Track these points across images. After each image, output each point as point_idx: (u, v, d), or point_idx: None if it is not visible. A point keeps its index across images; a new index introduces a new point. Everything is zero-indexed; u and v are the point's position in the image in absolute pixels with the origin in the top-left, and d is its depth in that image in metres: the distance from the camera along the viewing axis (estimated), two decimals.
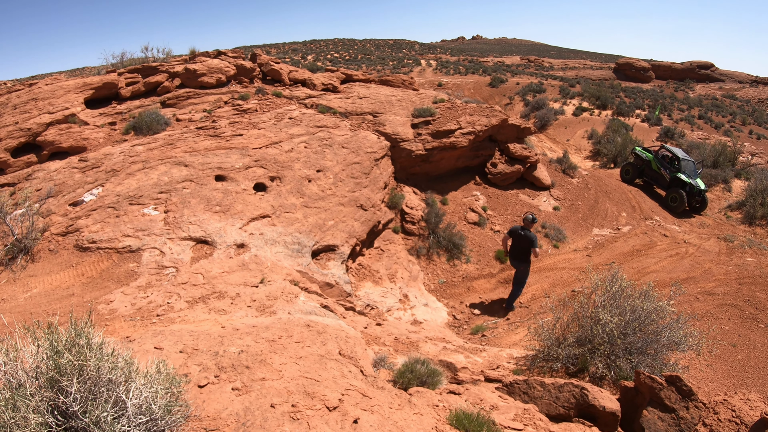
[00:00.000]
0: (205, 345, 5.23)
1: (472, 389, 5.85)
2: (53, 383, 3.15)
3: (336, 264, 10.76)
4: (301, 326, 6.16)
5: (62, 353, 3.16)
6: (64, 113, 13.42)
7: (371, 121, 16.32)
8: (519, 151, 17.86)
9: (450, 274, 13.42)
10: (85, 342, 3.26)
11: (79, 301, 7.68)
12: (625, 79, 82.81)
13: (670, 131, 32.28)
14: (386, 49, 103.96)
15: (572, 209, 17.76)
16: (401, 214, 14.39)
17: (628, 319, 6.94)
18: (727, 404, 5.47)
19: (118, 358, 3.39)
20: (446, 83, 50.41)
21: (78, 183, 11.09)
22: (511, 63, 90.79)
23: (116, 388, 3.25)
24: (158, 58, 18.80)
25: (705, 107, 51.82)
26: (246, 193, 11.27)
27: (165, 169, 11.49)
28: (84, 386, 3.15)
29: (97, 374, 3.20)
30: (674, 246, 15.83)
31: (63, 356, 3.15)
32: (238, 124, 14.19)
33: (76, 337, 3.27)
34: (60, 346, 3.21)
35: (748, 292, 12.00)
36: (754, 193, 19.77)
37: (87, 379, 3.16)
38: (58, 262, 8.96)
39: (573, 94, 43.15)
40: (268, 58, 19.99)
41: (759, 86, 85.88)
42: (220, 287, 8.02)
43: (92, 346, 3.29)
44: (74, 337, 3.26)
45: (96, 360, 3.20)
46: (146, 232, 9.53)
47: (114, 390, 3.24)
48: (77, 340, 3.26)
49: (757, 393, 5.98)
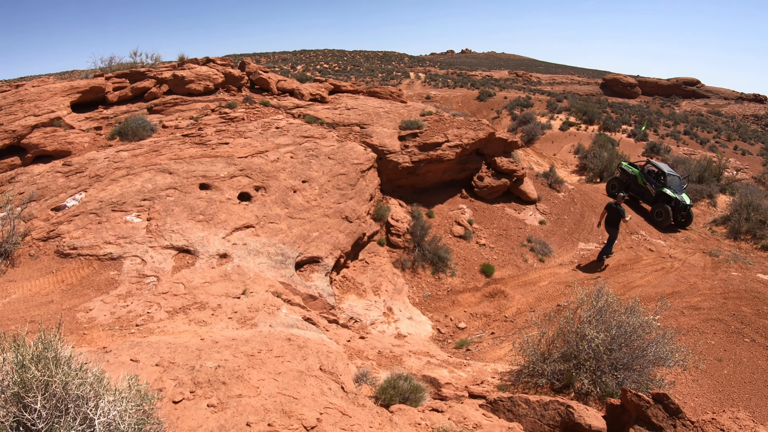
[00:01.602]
0: (182, 358, 5.11)
1: (455, 406, 5.76)
2: (18, 398, 3.03)
3: (320, 276, 10.66)
4: (281, 340, 6.05)
5: (28, 368, 3.04)
6: (49, 116, 13.25)
7: (358, 132, 16.27)
8: (506, 165, 17.87)
9: (435, 287, 13.35)
10: (53, 356, 3.14)
11: (58, 309, 7.52)
12: (612, 94, 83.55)
13: (656, 146, 32.58)
14: (376, 61, 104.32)
15: (558, 223, 17.79)
16: (387, 226, 14.32)
17: (614, 334, 6.90)
18: (716, 423, 5.39)
19: (87, 372, 3.28)
20: (434, 96, 50.60)
21: (61, 187, 10.92)
22: (499, 77, 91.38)
23: (84, 405, 3.14)
24: (147, 64, 18.68)
25: (691, 123, 52.34)
26: (230, 203, 11.15)
27: (149, 176, 11.35)
28: (50, 402, 3.04)
29: (64, 390, 3.08)
30: (660, 260, 15.88)
31: (29, 371, 3.03)
32: (224, 132, 14.08)
33: (43, 351, 3.16)
34: (26, 360, 3.09)
35: (733, 307, 12.05)
36: (738, 208, 19.94)
37: (53, 395, 3.05)
38: (39, 267, 8.79)
39: (560, 109, 43.45)
40: (257, 67, 19.92)
41: (744, 103, 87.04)
42: (202, 298, 7.89)
43: (60, 360, 3.17)
44: (41, 350, 3.15)
45: (63, 375, 3.08)
46: (128, 239, 9.38)
47: (82, 407, 3.12)
48: (45, 354, 3.15)
49: (745, 411, 5.92)
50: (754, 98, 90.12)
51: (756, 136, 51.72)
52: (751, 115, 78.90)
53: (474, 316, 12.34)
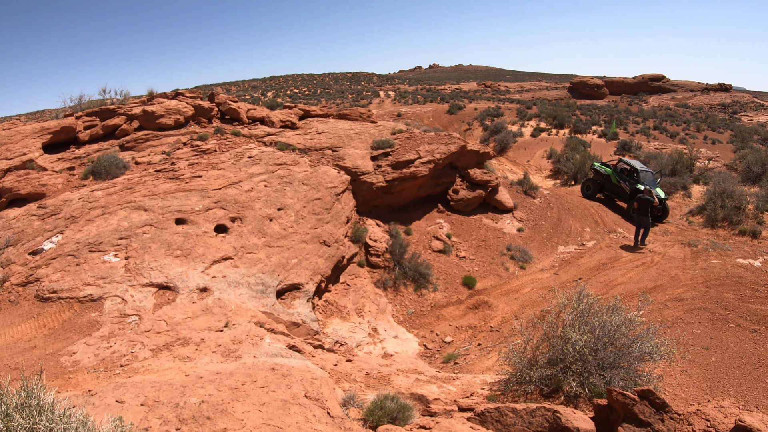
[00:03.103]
0: (167, 396, 5.14)
1: (443, 422, 5.81)
2: None
3: (302, 302, 10.69)
4: (265, 370, 6.10)
5: (12, 416, 3.09)
6: (21, 159, 13.19)
7: (331, 156, 16.39)
8: (480, 176, 18.09)
9: (418, 304, 13.42)
10: (36, 404, 3.19)
11: (42, 354, 7.49)
12: (580, 97, 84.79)
13: (627, 144, 33.08)
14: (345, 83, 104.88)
15: (536, 229, 17.99)
16: (365, 247, 14.41)
17: (597, 335, 6.97)
18: (701, 414, 5.46)
19: (71, 417, 3.32)
20: (405, 113, 50.90)
21: (37, 231, 10.88)
22: (468, 89, 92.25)
23: None
24: (116, 100, 18.66)
25: (659, 118, 53.28)
26: (207, 236, 11.18)
27: (125, 214, 11.35)
28: None
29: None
30: (639, 256, 16.12)
31: (13, 419, 3.08)
32: (197, 165, 14.12)
33: (26, 399, 3.20)
34: (10, 409, 3.14)
35: (716, 294, 12.24)
36: (713, 197, 20.30)
37: None
38: (19, 313, 8.74)
39: (530, 115, 43.98)
40: (226, 97, 20.00)
41: (710, 93, 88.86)
42: (185, 333, 7.91)
43: (43, 407, 3.22)
44: (25, 398, 3.20)
45: (47, 422, 3.13)
46: (107, 279, 9.37)
47: None
48: (28, 402, 3.20)
49: (730, 398, 6.03)
50: (719, 88, 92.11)
51: (725, 124, 52.65)
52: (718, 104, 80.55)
53: (460, 329, 12.42)
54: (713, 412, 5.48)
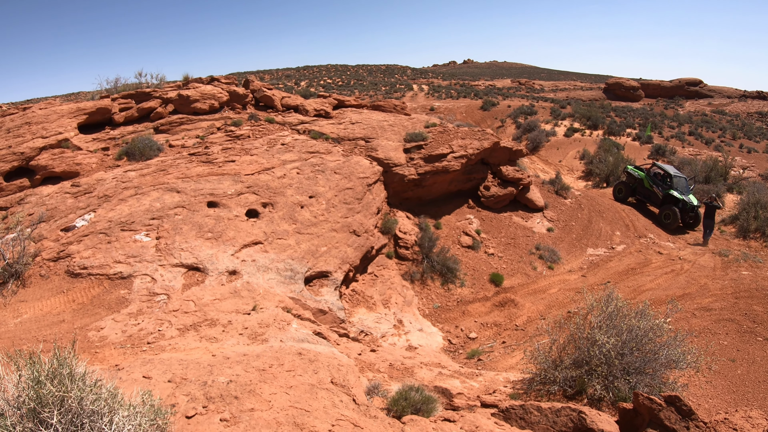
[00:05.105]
0: (194, 374, 5.14)
1: (467, 416, 5.74)
2: (35, 414, 3.08)
3: (329, 290, 10.68)
4: (292, 354, 6.08)
5: (44, 384, 3.09)
6: (57, 138, 13.39)
7: (363, 146, 16.35)
8: (511, 174, 17.90)
9: (444, 298, 13.34)
10: (68, 372, 3.18)
11: (70, 328, 7.58)
12: (615, 98, 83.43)
13: (661, 149, 32.42)
14: (379, 75, 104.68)
15: (566, 230, 17.76)
16: (394, 239, 14.35)
17: (625, 339, 6.86)
18: (729, 423, 5.34)
19: (101, 388, 3.31)
20: (438, 107, 50.64)
21: (70, 208, 11.02)
22: (502, 86, 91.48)
23: (99, 420, 3.17)
24: (152, 84, 18.86)
25: (695, 123, 52.09)
26: (238, 220, 11.22)
27: (157, 195, 11.44)
28: (66, 417, 3.07)
29: (80, 406, 3.12)
30: (669, 263, 15.80)
31: (44, 387, 3.08)
32: (230, 150, 14.18)
33: (58, 368, 3.20)
34: (42, 376, 3.13)
35: (745, 306, 11.94)
36: (747, 207, 19.88)
37: (68, 410, 3.08)
38: (49, 287, 8.87)
39: (564, 115, 43.37)
40: (261, 84, 20.07)
41: (747, 100, 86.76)
42: (212, 315, 7.93)
43: (75, 376, 3.21)
44: (57, 367, 3.19)
45: (78, 391, 3.12)
46: (138, 258, 9.45)
47: (97, 422, 3.16)
48: (60, 371, 3.19)
49: (758, 410, 5.86)
50: (757, 95, 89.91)
51: (761, 133, 51.36)
52: (756, 113, 78.65)
53: (484, 326, 12.31)
54: (741, 422, 5.34)
